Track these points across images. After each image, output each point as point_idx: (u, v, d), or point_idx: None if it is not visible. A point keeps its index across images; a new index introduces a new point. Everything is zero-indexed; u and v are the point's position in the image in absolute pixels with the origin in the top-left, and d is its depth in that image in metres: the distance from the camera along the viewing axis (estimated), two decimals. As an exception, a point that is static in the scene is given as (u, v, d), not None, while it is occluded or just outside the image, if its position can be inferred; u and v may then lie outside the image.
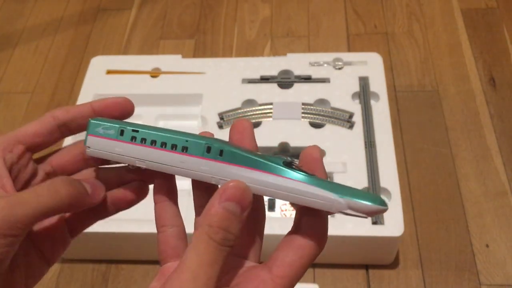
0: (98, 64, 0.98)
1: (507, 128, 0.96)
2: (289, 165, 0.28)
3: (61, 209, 0.28)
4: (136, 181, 0.33)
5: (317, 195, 0.27)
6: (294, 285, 0.28)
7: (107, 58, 1.00)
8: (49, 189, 0.28)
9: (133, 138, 0.29)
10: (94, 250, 0.83)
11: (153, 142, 0.29)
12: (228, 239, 0.26)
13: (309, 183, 0.27)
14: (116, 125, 0.30)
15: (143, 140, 0.29)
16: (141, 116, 0.93)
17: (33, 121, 0.31)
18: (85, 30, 1.22)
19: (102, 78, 0.96)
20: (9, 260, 0.27)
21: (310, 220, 0.28)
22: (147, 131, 0.29)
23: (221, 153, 0.28)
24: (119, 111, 0.32)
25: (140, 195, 0.33)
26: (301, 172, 0.27)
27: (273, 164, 0.28)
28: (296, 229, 0.28)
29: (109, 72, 0.97)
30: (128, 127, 0.29)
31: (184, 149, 0.28)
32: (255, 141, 0.30)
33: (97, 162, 0.33)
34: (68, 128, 0.32)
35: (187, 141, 0.28)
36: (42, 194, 0.27)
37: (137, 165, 0.29)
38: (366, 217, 0.27)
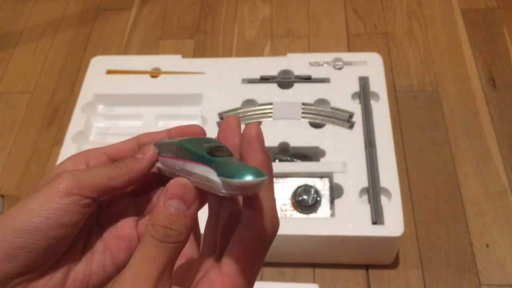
0: (98, 64, 0.98)
1: (507, 128, 0.96)
2: (214, 151, 0.27)
3: (121, 178, 0.31)
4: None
5: (204, 178, 0.26)
6: (249, 279, 0.27)
7: (107, 58, 1.00)
8: (111, 165, 0.32)
9: (164, 150, 0.33)
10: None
11: (173, 152, 0.31)
12: (170, 235, 0.26)
13: (205, 165, 0.26)
14: (157, 143, 0.34)
15: (168, 152, 0.32)
16: (141, 116, 0.93)
17: (120, 142, 0.35)
18: (85, 30, 1.22)
19: (102, 78, 0.96)
20: (78, 226, 0.30)
21: (247, 211, 0.27)
22: (170, 143, 0.32)
23: (180, 150, 0.29)
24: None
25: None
26: (213, 157, 0.26)
27: (198, 153, 0.27)
28: (241, 223, 0.28)
29: (109, 72, 0.97)
30: (162, 142, 0.34)
31: (170, 153, 0.31)
32: (238, 137, 0.29)
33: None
34: None
35: (161, 145, 0.32)
36: (106, 167, 0.31)
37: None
38: (248, 195, 0.25)
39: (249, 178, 0.24)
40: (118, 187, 0.31)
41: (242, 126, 0.28)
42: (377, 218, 0.75)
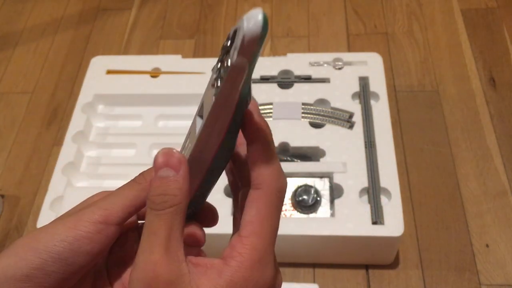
0: (98, 64, 0.98)
1: (507, 128, 0.96)
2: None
3: (145, 194, 0.30)
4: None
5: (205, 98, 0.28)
6: (267, 237, 0.28)
7: (107, 58, 1.00)
8: (133, 182, 0.31)
9: None
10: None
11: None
12: (166, 200, 0.27)
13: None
14: None
15: None
16: (141, 116, 0.93)
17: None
18: (85, 30, 1.22)
19: (102, 78, 0.96)
20: (98, 256, 0.29)
21: (254, 172, 0.28)
22: None
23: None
24: None
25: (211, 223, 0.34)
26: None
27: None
28: (251, 186, 0.29)
29: (109, 72, 0.97)
30: None
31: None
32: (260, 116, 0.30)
33: None
34: None
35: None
36: (129, 186, 0.31)
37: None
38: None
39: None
40: (141, 206, 0.31)
41: None
42: (377, 218, 0.75)
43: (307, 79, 0.92)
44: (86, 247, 0.28)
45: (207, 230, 0.33)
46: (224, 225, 0.37)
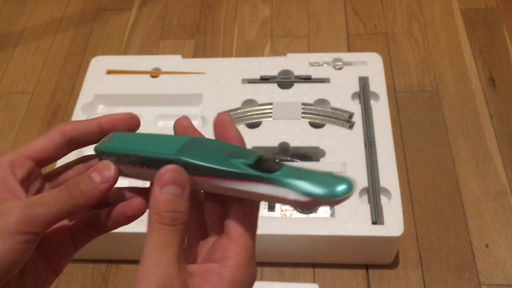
0: (98, 64, 0.98)
1: (507, 128, 0.96)
2: (257, 164, 0.28)
3: (77, 208, 0.30)
4: (135, 198, 0.33)
5: (278, 197, 0.27)
6: (253, 236, 0.30)
7: (107, 58, 1.00)
8: (64, 192, 0.29)
9: (125, 161, 0.31)
10: (94, 250, 0.83)
11: (139, 163, 0.31)
12: (177, 218, 0.27)
13: (267, 183, 0.27)
14: (114, 152, 0.32)
15: (131, 163, 0.31)
16: (142, 116, 0.92)
17: (41, 137, 0.32)
18: (85, 30, 1.22)
19: (102, 78, 0.96)
20: (25, 261, 0.28)
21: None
22: (133, 153, 0.31)
23: (186, 167, 0.29)
24: (125, 126, 0.34)
25: (138, 212, 0.33)
26: (262, 173, 0.27)
27: (230, 170, 0.28)
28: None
29: (109, 72, 0.97)
30: (121, 153, 0.32)
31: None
32: (235, 129, 0.32)
33: None
34: (75, 143, 0.33)
35: (161, 160, 0.30)
36: (59, 196, 0.29)
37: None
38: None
39: (344, 190, 0.25)
40: (73, 217, 0.30)
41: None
42: (377, 218, 0.75)
43: (307, 79, 0.92)
44: (11, 258, 0.27)
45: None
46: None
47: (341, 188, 0.25)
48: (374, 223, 0.75)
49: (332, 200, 0.25)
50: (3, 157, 0.31)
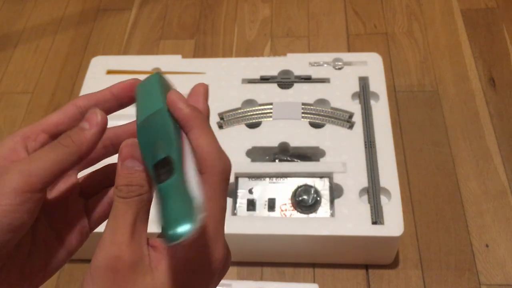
0: (98, 64, 0.98)
1: (507, 128, 0.96)
2: (159, 170, 0.28)
3: (72, 156, 0.29)
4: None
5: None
6: (217, 218, 0.29)
7: (107, 58, 1.00)
8: (56, 144, 0.30)
9: None
10: (94, 250, 0.83)
11: None
12: (132, 190, 0.28)
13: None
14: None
15: None
16: (141, 116, 0.93)
17: (56, 111, 0.33)
18: (85, 30, 1.22)
19: (102, 78, 0.96)
20: (31, 221, 0.28)
21: (196, 159, 0.30)
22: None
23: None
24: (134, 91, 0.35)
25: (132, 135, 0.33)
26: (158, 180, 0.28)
27: (147, 165, 0.29)
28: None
29: (109, 72, 0.97)
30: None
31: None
32: (204, 101, 0.33)
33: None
34: None
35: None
36: (51, 149, 0.29)
37: None
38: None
39: (179, 234, 0.24)
40: (69, 168, 0.29)
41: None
42: (377, 218, 0.75)
43: (307, 79, 0.92)
44: (15, 221, 0.27)
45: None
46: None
47: (180, 230, 0.25)
48: (374, 223, 0.75)
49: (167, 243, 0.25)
50: (18, 131, 0.32)
